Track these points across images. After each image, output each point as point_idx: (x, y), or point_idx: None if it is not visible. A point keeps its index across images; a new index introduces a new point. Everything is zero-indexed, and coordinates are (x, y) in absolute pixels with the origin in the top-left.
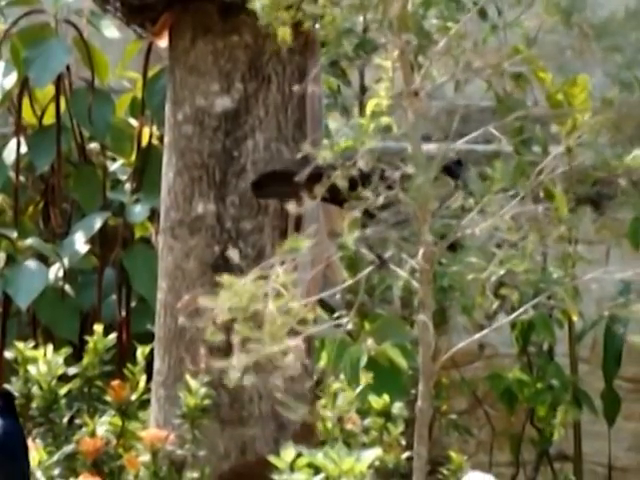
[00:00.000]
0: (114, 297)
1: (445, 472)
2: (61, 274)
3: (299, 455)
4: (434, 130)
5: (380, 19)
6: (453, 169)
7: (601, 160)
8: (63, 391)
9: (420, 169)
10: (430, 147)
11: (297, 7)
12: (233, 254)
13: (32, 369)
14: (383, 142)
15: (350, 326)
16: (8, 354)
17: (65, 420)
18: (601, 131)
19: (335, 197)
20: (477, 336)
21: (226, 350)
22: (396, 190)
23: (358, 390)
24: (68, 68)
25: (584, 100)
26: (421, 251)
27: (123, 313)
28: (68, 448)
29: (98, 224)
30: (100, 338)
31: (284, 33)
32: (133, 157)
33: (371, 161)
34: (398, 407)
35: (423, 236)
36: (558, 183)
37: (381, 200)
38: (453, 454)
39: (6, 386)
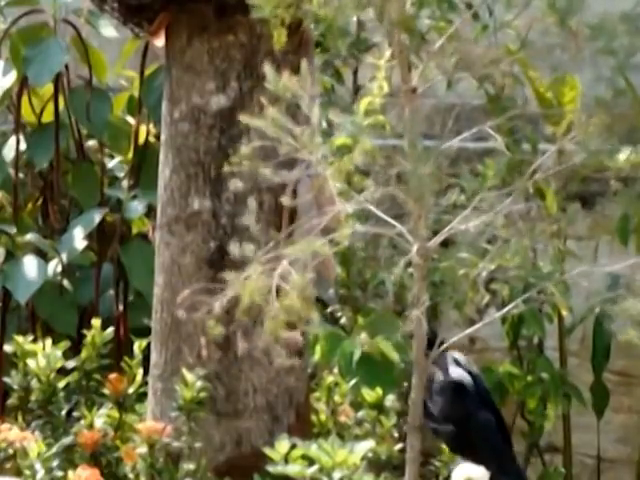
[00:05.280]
0: (112, 292)
1: (437, 463)
2: (59, 269)
3: (293, 447)
4: (427, 127)
5: (378, 19)
6: None
7: (593, 159)
8: (62, 384)
9: (417, 165)
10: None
11: (297, 5)
12: (234, 249)
13: (31, 362)
14: (380, 139)
15: (344, 320)
16: (7, 348)
17: (63, 413)
18: (594, 131)
19: None
20: (468, 330)
21: (223, 344)
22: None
23: (351, 383)
24: (67, 67)
25: (573, 98)
26: (415, 247)
27: (120, 308)
28: (67, 440)
29: (96, 220)
30: (98, 332)
31: (280, 34)
32: (130, 154)
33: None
34: (391, 400)
35: (418, 232)
36: (550, 181)
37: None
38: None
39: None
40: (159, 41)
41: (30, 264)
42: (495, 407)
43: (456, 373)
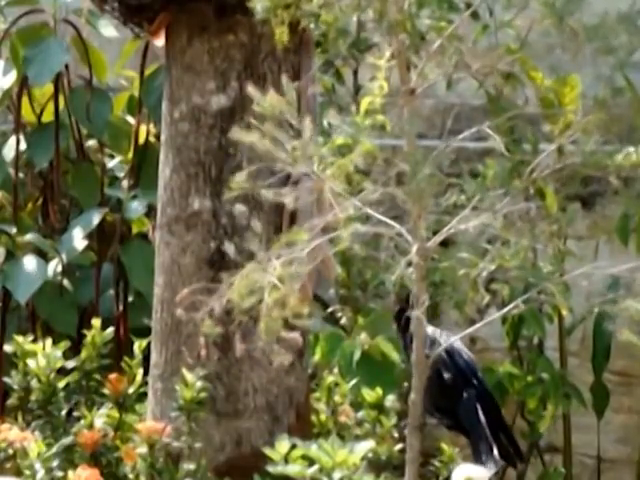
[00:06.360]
0: (112, 292)
1: (437, 464)
2: (59, 269)
3: (293, 447)
4: (427, 128)
5: (377, 19)
6: None
7: (593, 159)
8: (62, 384)
9: (417, 166)
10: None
11: (296, 5)
12: (229, 249)
13: (31, 362)
14: (379, 139)
15: (344, 320)
16: (7, 348)
17: (63, 413)
18: (593, 130)
19: None
20: (468, 330)
21: (222, 344)
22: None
23: (351, 383)
24: (67, 67)
25: (574, 99)
26: (415, 247)
27: (120, 308)
28: (67, 440)
29: (96, 220)
30: (98, 332)
31: (281, 32)
32: (130, 154)
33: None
34: (391, 400)
35: (418, 232)
36: (549, 181)
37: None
38: (445, 446)
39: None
40: (159, 41)
41: (30, 264)
42: (478, 378)
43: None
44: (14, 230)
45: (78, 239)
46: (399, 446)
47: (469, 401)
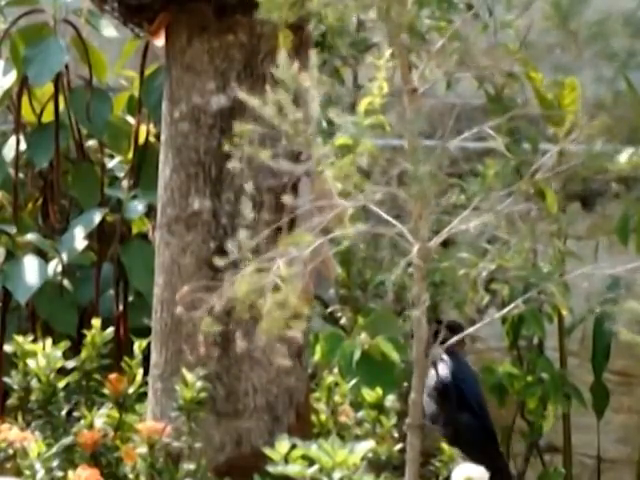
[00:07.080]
0: (112, 292)
1: (437, 464)
2: (60, 269)
3: (293, 447)
4: (427, 128)
5: (381, 18)
6: None
7: (594, 160)
8: (62, 384)
9: (419, 165)
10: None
11: (301, 4)
12: (231, 248)
13: (31, 362)
14: (381, 139)
15: (344, 320)
16: (8, 348)
17: (63, 413)
18: (597, 134)
19: None
20: (468, 330)
21: (222, 344)
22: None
23: (351, 383)
24: (67, 67)
25: (573, 100)
26: (416, 247)
27: (120, 307)
28: (67, 440)
29: (96, 220)
30: (98, 332)
31: (286, 37)
32: (130, 154)
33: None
34: (391, 400)
35: (419, 232)
36: (550, 181)
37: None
38: (445, 446)
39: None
40: (159, 41)
41: (30, 264)
42: (482, 409)
43: (442, 375)
44: (14, 230)
45: (78, 239)
46: (399, 446)
47: (468, 425)
